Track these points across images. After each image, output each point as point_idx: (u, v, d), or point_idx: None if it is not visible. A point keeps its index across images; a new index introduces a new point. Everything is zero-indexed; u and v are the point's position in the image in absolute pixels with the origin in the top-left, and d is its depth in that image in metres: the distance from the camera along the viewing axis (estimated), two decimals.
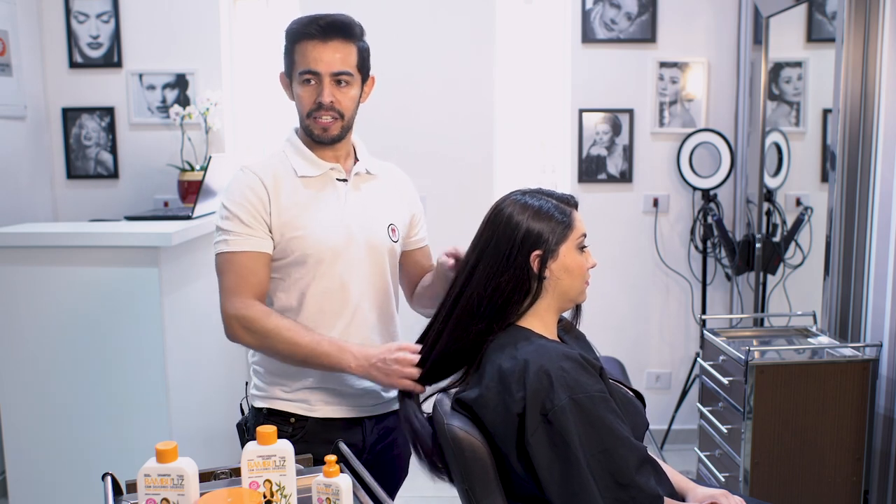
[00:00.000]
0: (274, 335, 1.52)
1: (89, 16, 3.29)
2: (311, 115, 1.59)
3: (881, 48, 2.31)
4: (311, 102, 1.58)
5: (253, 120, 3.51)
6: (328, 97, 1.57)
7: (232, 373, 3.10)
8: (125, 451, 2.44)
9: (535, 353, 1.37)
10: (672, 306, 3.49)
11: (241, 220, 1.56)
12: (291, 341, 1.52)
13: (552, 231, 1.43)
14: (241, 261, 1.55)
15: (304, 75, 1.57)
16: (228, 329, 1.56)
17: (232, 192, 1.59)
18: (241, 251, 1.55)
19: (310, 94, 1.58)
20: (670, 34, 3.33)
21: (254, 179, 1.58)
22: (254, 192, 1.57)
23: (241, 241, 1.56)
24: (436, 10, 3.30)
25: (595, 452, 1.30)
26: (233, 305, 1.54)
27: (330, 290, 1.60)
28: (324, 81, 1.56)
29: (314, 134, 1.61)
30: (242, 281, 1.55)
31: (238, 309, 1.53)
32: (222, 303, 1.56)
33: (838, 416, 2.23)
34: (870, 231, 2.36)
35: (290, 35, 1.59)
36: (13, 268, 2.44)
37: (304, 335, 1.52)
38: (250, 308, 1.53)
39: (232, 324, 1.55)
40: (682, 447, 3.40)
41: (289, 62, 1.61)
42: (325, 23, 1.56)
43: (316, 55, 1.55)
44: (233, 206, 1.57)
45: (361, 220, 1.63)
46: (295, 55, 1.58)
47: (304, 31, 1.56)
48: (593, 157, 3.39)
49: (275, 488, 1.14)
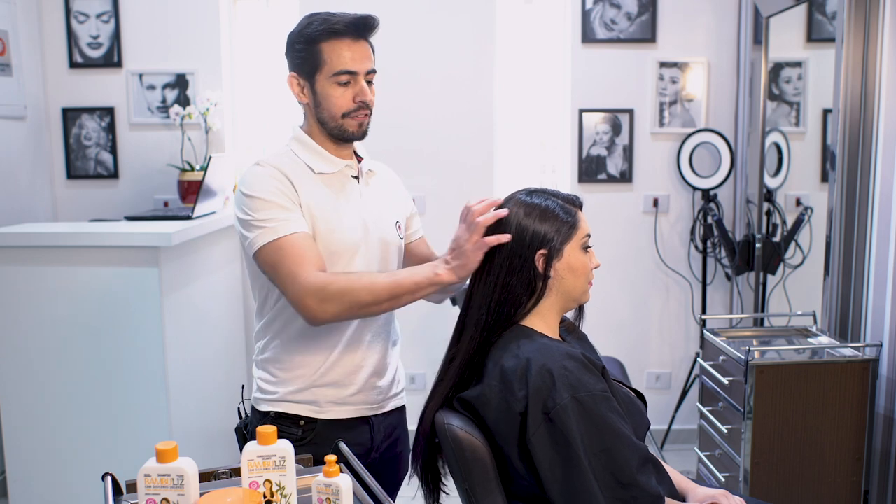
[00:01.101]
0: (356, 293, 1.46)
1: (89, 16, 3.29)
2: (349, 114, 1.56)
3: (881, 48, 2.31)
4: (349, 102, 1.56)
5: (253, 120, 3.51)
6: (370, 95, 1.57)
7: (232, 373, 3.10)
8: (125, 451, 2.44)
9: (537, 352, 1.37)
10: (672, 306, 3.49)
11: (278, 204, 1.51)
12: (377, 288, 1.46)
13: (557, 231, 1.43)
14: (292, 242, 1.49)
15: (342, 76, 1.54)
16: (307, 312, 1.47)
17: (257, 184, 1.54)
18: (290, 233, 1.50)
19: (345, 93, 1.55)
20: (670, 34, 3.33)
21: (275, 171, 1.55)
22: (279, 181, 1.54)
23: (286, 224, 1.50)
24: (436, 10, 3.30)
25: (596, 452, 1.30)
26: (300, 286, 1.45)
27: None
28: (360, 81, 1.55)
29: (348, 132, 1.58)
30: (301, 259, 1.48)
31: (308, 285, 1.45)
32: (288, 289, 1.48)
33: (838, 416, 2.23)
34: (870, 231, 2.36)
35: (315, 35, 1.54)
36: (13, 268, 2.44)
37: (382, 278, 1.48)
38: (318, 277, 1.46)
39: (307, 302, 1.45)
40: (682, 447, 3.40)
41: (311, 63, 1.55)
42: (358, 21, 1.53)
43: (352, 54, 1.53)
44: (264, 195, 1.52)
45: (374, 216, 1.64)
46: (323, 55, 1.54)
47: (333, 30, 1.52)
48: (593, 157, 3.39)
49: (275, 488, 1.14)
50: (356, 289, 1.46)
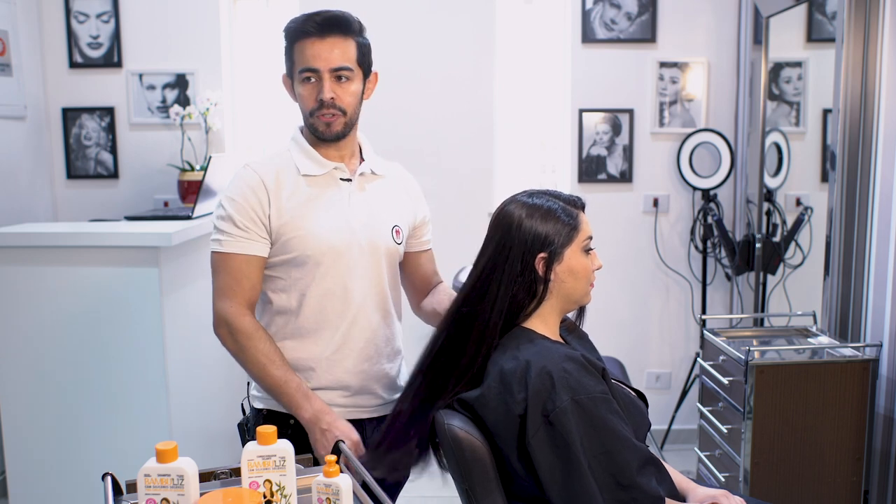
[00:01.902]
0: (250, 355, 1.55)
1: (89, 16, 3.29)
2: (314, 113, 1.58)
3: (881, 48, 2.31)
4: (313, 100, 1.57)
5: (253, 120, 3.51)
6: (328, 93, 1.56)
7: (232, 373, 3.09)
8: (125, 451, 2.44)
9: (537, 354, 1.37)
10: (672, 306, 3.49)
11: (234, 222, 1.56)
12: (263, 371, 1.55)
13: (558, 233, 1.42)
14: (233, 263, 1.56)
15: (304, 73, 1.56)
16: (216, 327, 1.60)
17: (231, 192, 1.59)
18: (234, 253, 1.56)
19: (310, 91, 1.57)
20: (670, 34, 3.33)
21: (255, 179, 1.58)
22: (253, 193, 1.57)
23: (234, 243, 1.56)
24: (436, 10, 3.30)
25: (596, 453, 1.30)
26: (224, 308, 1.57)
27: (331, 292, 1.59)
28: (323, 78, 1.56)
29: (318, 131, 1.60)
30: (235, 284, 1.56)
31: (229, 314, 1.56)
32: (214, 300, 1.59)
33: (838, 416, 2.23)
34: (870, 231, 2.36)
35: (289, 34, 1.59)
36: (13, 268, 2.44)
37: (277, 369, 1.54)
38: (241, 318, 1.56)
39: (220, 324, 1.58)
40: (682, 447, 3.40)
41: (289, 62, 1.61)
42: (322, 19, 1.55)
43: (314, 52, 1.54)
44: (230, 207, 1.57)
45: (365, 220, 1.63)
46: (294, 54, 1.58)
47: (301, 30, 1.56)
48: (593, 157, 3.39)
49: (275, 488, 1.14)
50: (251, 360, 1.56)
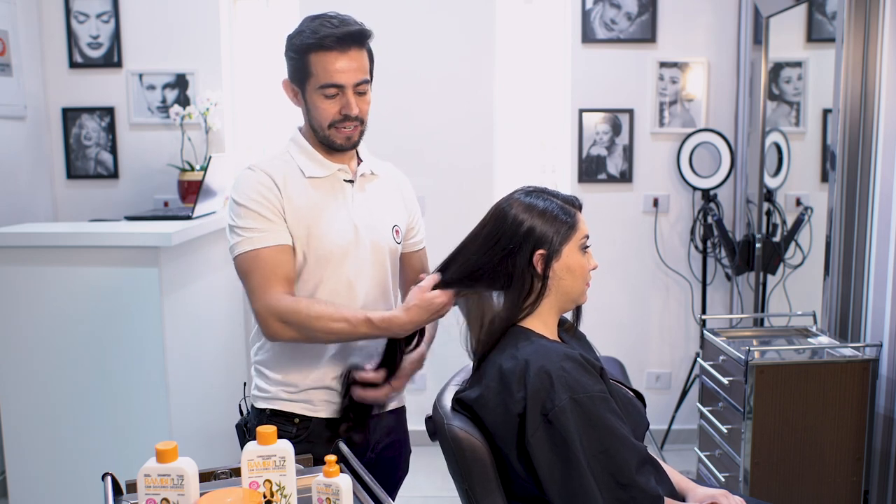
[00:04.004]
0: (311, 331, 1.50)
1: (89, 16, 3.29)
2: (335, 125, 1.56)
3: (881, 48, 2.31)
4: (335, 114, 1.55)
5: (253, 120, 3.51)
6: (355, 109, 1.55)
7: (232, 373, 3.10)
8: (125, 451, 2.44)
9: (535, 354, 1.37)
10: (672, 306, 3.49)
11: (260, 214, 1.53)
12: (336, 334, 1.50)
13: (556, 231, 1.43)
14: (266, 256, 1.52)
15: (328, 89, 1.53)
16: (266, 328, 1.53)
17: (245, 190, 1.56)
18: (266, 247, 1.53)
19: (333, 106, 1.55)
20: (670, 34, 3.33)
21: (264, 177, 1.56)
22: (269, 190, 1.55)
23: (264, 236, 1.53)
24: (436, 10, 3.30)
25: (595, 453, 1.30)
26: (265, 303, 1.51)
27: (337, 291, 1.59)
28: (348, 93, 1.54)
29: (336, 144, 1.58)
30: (272, 276, 1.52)
31: (269, 305, 1.50)
32: (253, 303, 1.53)
33: (838, 416, 2.23)
34: (870, 231, 2.36)
35: (304, 46, 1.53)
36: (13, 268, 2.44)
37: (337, 323, 1.49)
38: (282, 301, 1.50)
39: (268, 322, 1.51)
40: (682, 447, 3.40)
41: (301, 72, 1.55)
42: (343, 34, 1.51)
43: (338, 67, 1.52)
44: (249, 203, 1.54)
45: (368, 220, 1.63)
46: (311, 67, 1.53)
47: (319, 43, 1.51)
48: (593, 157, 3.39)
49: (275, 488, 1.14)
50: (316, 328, 1.49)
